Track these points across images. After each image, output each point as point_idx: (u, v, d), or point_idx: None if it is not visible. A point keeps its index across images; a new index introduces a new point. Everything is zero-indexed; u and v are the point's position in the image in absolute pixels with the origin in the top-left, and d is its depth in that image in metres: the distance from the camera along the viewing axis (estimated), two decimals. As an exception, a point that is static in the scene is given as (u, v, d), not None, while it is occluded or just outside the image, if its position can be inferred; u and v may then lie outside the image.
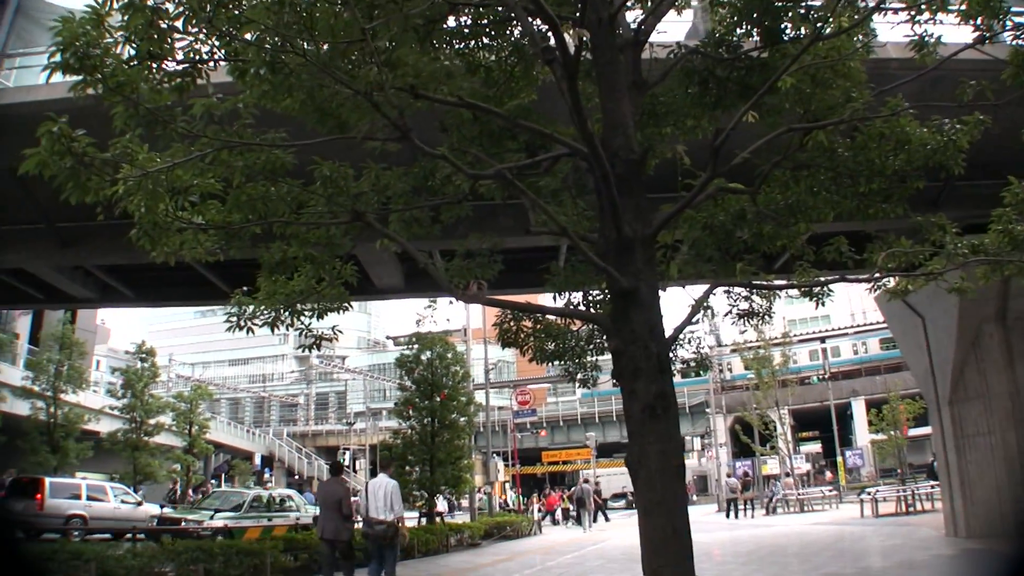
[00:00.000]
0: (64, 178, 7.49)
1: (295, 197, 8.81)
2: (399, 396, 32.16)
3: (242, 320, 9.93)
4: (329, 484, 17.29)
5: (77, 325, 45.56)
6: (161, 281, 25.55)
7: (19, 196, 20.27)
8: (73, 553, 15.47)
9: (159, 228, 8.13)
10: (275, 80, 7.31)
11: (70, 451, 39.13)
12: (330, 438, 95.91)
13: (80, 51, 7.12)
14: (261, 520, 27.16)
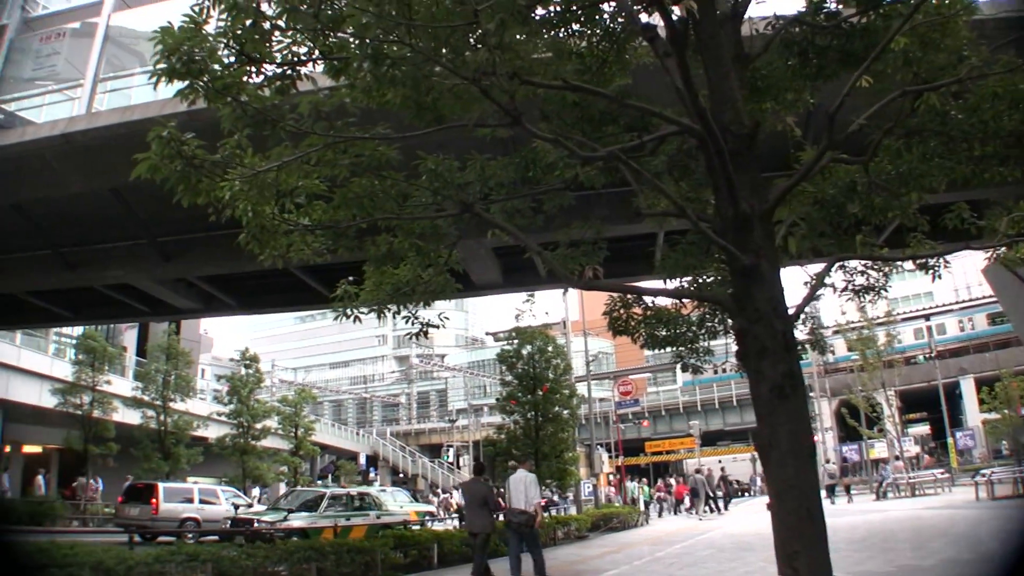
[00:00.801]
0: (175, 181, 7.51)
1: (400, 191, 8.77)
2: (501, 391, 31.94)
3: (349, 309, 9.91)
4: (473, 483, 18.55)
5: (182, 336, 46.46)
6: (261, 288, 25.88)
7: (121, 214, 20.71)
8: (190, 555, 15.69)
9: (266, 231, 8.16)
10: (377, 73, 7.24)
11: (181, 457, 39.98)
12: (433, 436, 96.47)
13: (184, 57, 7.14)
14: (338, 520, 26.10)
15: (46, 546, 14.16)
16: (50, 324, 38.26)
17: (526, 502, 16.63)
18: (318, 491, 30.41)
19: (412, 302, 10.29)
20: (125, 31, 19.40)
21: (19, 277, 25.62)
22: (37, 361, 44.47)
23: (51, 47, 20.31)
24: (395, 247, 9.58)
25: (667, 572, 17.84)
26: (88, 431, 38.86)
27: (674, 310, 12.39)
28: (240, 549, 16.90)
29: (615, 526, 32.02)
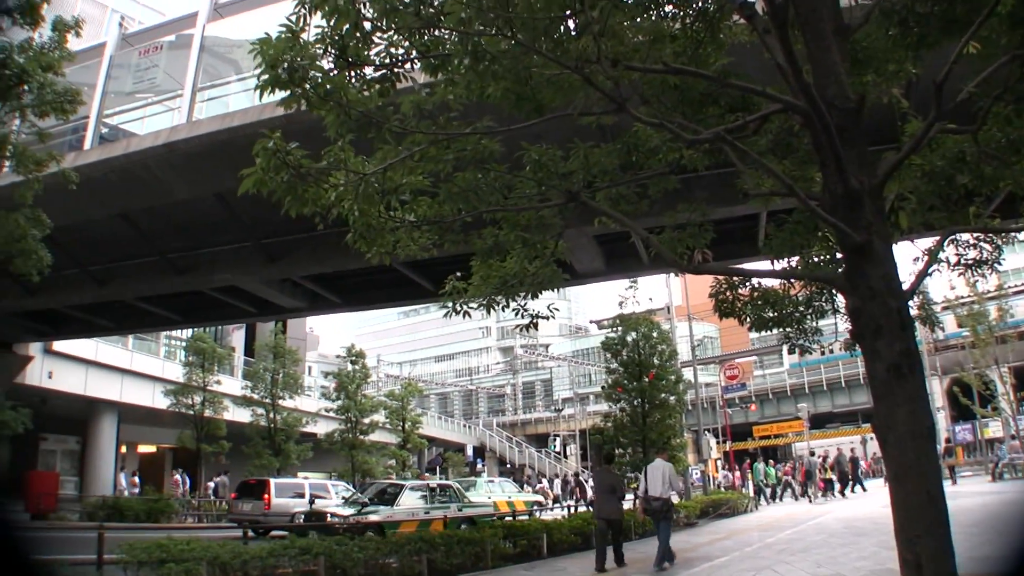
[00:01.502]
0: (282, 192, 7.60)
1: (504, 183, 8.75)
2: (606, 379, 31.75)
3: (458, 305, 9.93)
4: (603, 472, 19.61)
5: (288, 335, 47.24)
6: (365, 285, 26.13)
7: (225, 218, 21.08)
8: (302, 548, 15.89)
9: (373, 230, 8.25)
10: (478, 68, 7.23)
11: (291, 453, 40.71)
12: (539, 426, 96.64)
13: (287, 66, 7.24)
14: (417, 513, 25.43)
15: (164, 542, 14.47)
16: (160, 328, 39.31)
17: (663, 489, 17.82)
18: (395, 483, 29.72)
19: (520, 294, 10.26)
20: (219, 40, 19.73)
21: (129, 284, 26.30)
22: (149, 364, 45.88)
23: (149, 60, 20.75)
24: (501, 240, 9.60)
25: (777, 558, 17.53)
26: (200, 430, 39.81)
27: (781, 291, 12.15)
28: (352, 542, 17.05)
29: (724, 512, 31.62)
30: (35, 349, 38.36)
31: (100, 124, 20.60)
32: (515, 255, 9.79)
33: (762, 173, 9.37)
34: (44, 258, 14.35)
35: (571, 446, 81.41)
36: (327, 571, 15.62)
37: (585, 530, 22.21)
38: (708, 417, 58.86)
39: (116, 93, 21.29)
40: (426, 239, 8.98)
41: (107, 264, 26.31)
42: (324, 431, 43.84)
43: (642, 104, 9.44)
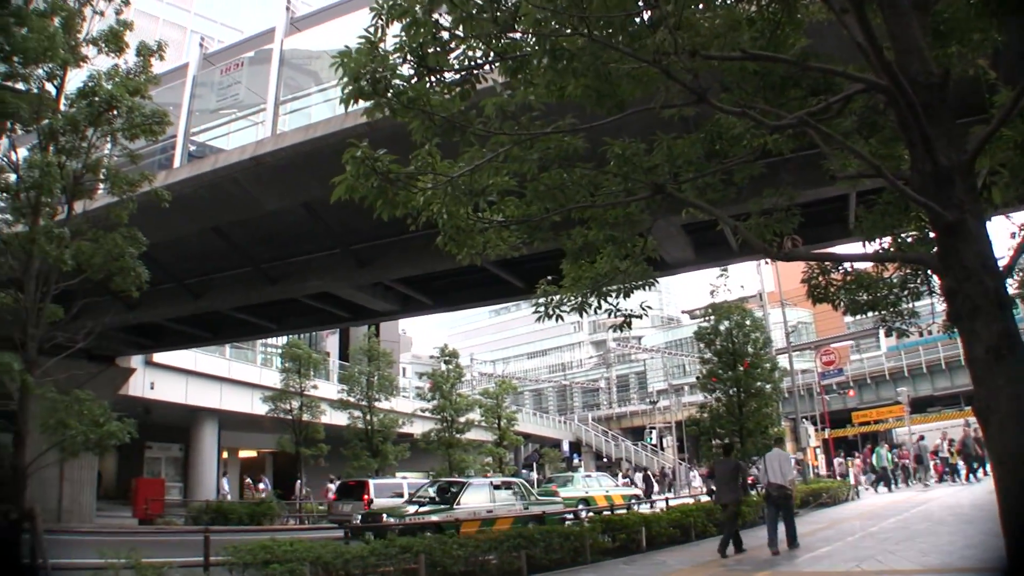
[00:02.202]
0: (373, 197, 7.73)
1: (590, 180, 8.75)
2: (700, 369, 31.49)
3: (550, 309, 9.95)
4: (724, 462, 20.46)
5: (381, 337, 47.65)
6: (455, 286, 26.26)
7: (314, 227, 21.37)
8: (402, 547, 16.06)
9: (463, 231, 8.33)
10: (557, 67, 7.25)
11: (389, 453, 41.06)
12: (634, 419, 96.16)
13: (369, 77, 7.34)
14: (479, 512, 24.53)
15: (268, 543, 14.76)
16: (256, 336, 39.93)
17: (782, 477, 18.61)
18: (457, 481, 28.86)
19: (612, 294, 10.25)
20: (298, 53, 20.00)
21: (225, 295, 26.82)
22: (246, 372, 46.81)
23: (231, 78, 21.13)
24: (590, 239, 9.58)
25: (881, 547, 17.21)
26: (299, 434, 40.42)
27: (875, 273, 11.94)
28: (452, 539, 17.20)
29: (825, 501, 31.08)
30: (137, 362, 39.38)
31: (188, 142, 21.04)
32: (605, 254, 9.78)
33: (848, 155, 9.21)
34: (142, 274, 14.69)
35: (667, 438, 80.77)
36: (427, 569, 15.78)
37: (684, 523, 22.10)
38: (805, 404, 58.01)
39: (201, 111, 21.73)
40: (515, 238, 9.04)
41: (202, 277, 26.89)
42: (420, 431, 44.16)
43: (723, 92, 9.36)
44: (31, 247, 13.53)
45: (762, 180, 10.69)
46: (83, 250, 14.13)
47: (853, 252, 10.68)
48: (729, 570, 16.68)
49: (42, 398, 13.64)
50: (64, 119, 14.19)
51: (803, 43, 9.56)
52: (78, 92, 14.68)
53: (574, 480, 40.32)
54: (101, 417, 13.34)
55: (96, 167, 15.08)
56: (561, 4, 6.83)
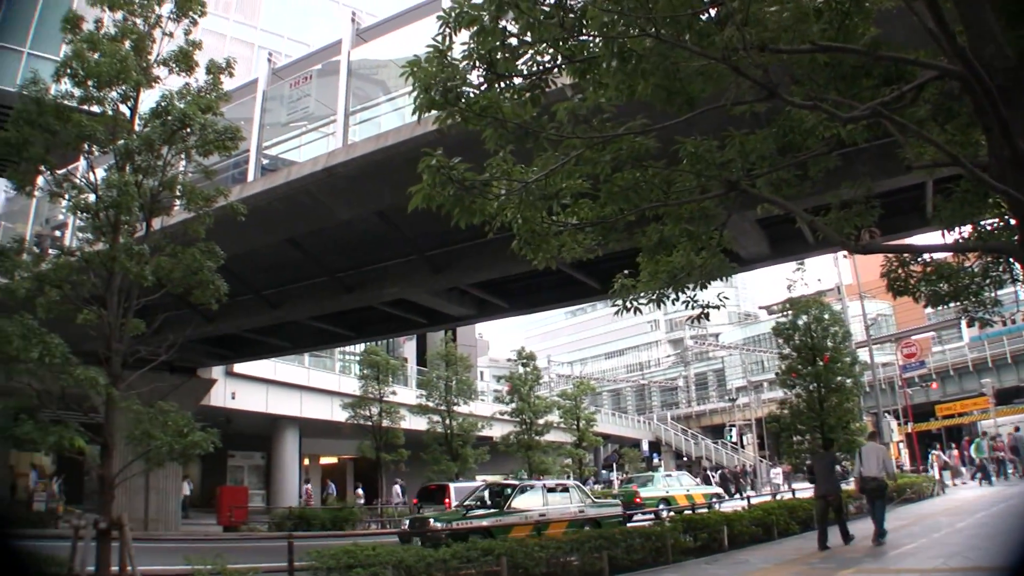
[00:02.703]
0: (450, 205, 7.86)
1: (663, 179, 8.77)
2: (779, 365, 31.18)
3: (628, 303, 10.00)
4: (824, 456, 21.64)
5: (458, 342, 47.93)
6: (531, 288, 26.31)
7: (388, 234, 21.57)
8: (484, 550, 16.20)
9: (538, 235, 8.41)
10: (625, 69, 7.30)
11: (468, 457, 41.19)
12: (714, 416, 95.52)
13: (440, 87, 7.46)
14: (530, 516, 23.88)
15: (351, 548, 15.00)
16: (334, 344, 40.37)
17: (877, 470, 19.25)
18: (509, 484, 28.34)
19: (689, 287, 10.27)
20: (365, 63, 20.20)
21: (302, 305, 27.19)
22: (325, 379, 47.41)
23: (300, 91, 21.41)
24: (665, 235, 9.61)
25: (968, 544, 16.94)
26: (379, 440, 40.79)
27: (955, 263, 11.76)
28: (533, 541, 17.31)
29: (909, 497, 30.55)
30: (217, 372, 40.10)
31: (260, 156, 21.37)
32: (681, 248, 9.78)
33: (924, 143, 9.09)
34: (220, 287, 14.94)
35: (747, 435, 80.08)
36: (509, 571, 15.89)
37: (766, 521, 21.94)
38: (887, 398, 57.02)
39: (272, 124, 22.03)
40: (590, 240, 9.08)
41: (279, 287, 27.27)
42: (499, 434, 44.30)
43: (793, 85, 9.29)
44: (112, 264, 13.85)
45: (837, 172, 10.58)
46: (163, 265, 14.43)
47: (932, 242, 10.49)
48: (812, 568, 16.59)
49: (127, 410, 13.93)
50: (139, 139, 14.49)
51: (873, 32, 9.43)
52: (151, 112, 14.98)
53: (654, 480, 40.16)
54: (185, 427, 13.60)
55: (172, 184, 15.37)
56: (627, 5, 6.86)
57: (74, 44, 14.86)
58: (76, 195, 15.09)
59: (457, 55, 7.87)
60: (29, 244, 16.29)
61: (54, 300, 13.83)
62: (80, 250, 14.90)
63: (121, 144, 14.56)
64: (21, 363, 12.91)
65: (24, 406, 13.53)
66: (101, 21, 15.43)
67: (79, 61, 14.40)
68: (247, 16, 55.15)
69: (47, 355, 12.83)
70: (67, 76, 14.53)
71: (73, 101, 14.75)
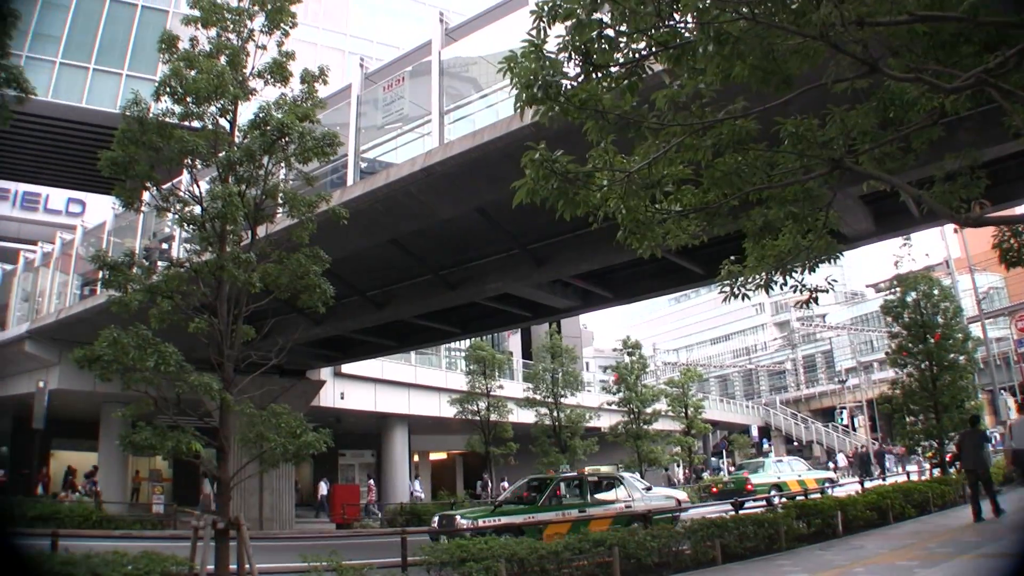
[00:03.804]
0: (554, 198, 7.93)
1: (766, 161, 8.72)
2: (889, 344, 30.58)
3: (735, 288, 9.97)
4: (972, 433, 21.01)
5: (563, 334, 48.01)
6: (634, 277, 26.22)
7: (489, 230, 21.70)
8: (596, 540, 16.30)
9: (642, 224, 8.42)
10: (723, 53, 7.30)
11: (577, 448, 41.31)
12: (823, 399, 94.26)
13: (540, 83, 7.53)
14: (569, 512, 22.76)
15: (463, 542, 15.22)
16: (440, 342, 40.74)
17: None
18: (546, 478, 27.16)
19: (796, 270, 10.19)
20: (456, 61, 20.33)
21: (406, 303, 27.49)
22: (432, 376, 47.91)
23: (394, 93, 21.63)
24: (770, 218, 9.54)
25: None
26: (487, 434, 41.08)
27: (1071, 229, 11.44)
28: (645, 532, 17.34)
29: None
30: (326, 374, 40.81)
31: (359, 159, 21.68)
32: (786, 231, 9.71)
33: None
34: (327, 290, 15.20)
35: (859, 417, 78.68)
36: (622, 561, 15.95)
37: (881, 505, 21.59)
38: (1002, 375, 55.50)
39: (368, 128, 22.27)
40: (695, 227, 9.06)
41: (383, 288, 27.63)
42: (607, 424, 44.33)
43: (892, 55, 9.14)
44: (220, 273, 14.20)
45: (941, 143, 10.36)
46: (269, 272, 14.74)
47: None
48: (930, 553, 16.27)
49: (241, 414, 14.30)
50: (240, 150, 14.81)
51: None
52: (250, 123, 15.30)
53: (765, 466, 39.77)
54: (298, 429, 13.90)
55: (274, 192, 15.69)
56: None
57: (171, 63, 15.27)
58: (182, 208, 15.54)
59: (552, 48, 7.95)
60: (139, 257, 16.78)
61: (166, 310, 14.23)
62: (189, 261, 15.31)
63: (223, 156, 14.91)
64: (137, 372, 13.34)
65: (142, 413, 14.00)
66: (196, 39, 15.87)
67: (177, 79, 14.79)
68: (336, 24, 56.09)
69: (162, 363, 13.24)
70: (166, 94, 14.95)
71: (174, 118, 15.18)
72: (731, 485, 37.98)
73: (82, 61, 52.07)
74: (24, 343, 35.48)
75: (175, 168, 16.25)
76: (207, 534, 13.18)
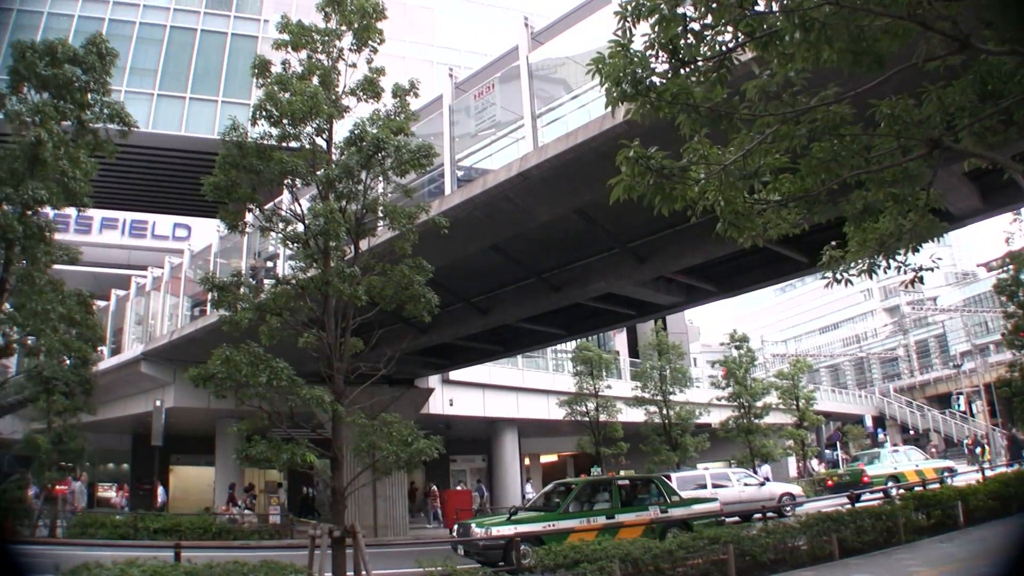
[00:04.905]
0: (651, 195, 7.98)
1: (862, 144, 8.64)
2: (1005, 325, 29.73)
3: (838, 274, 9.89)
4: None
5: (669, 330, 47.76)
6: (736, 269, 25.97)
7: (588, 230, 21.71)
8: (711, 538, 16.26)
9: (741, 216, 8.41)
10: (810, 39, 7.27)
11: (688, 445, 40.98)
12: (939, 385, 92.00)
13: (630, 80, 7.58)
14: (595, 519, 21.51)
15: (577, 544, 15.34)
16: (546, 344, 40.76)
17: None
18: (571, 481, 26.06)
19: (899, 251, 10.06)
20: (544, 63, 20.38)
21: (510, 308, 27.62)
22: (539, 379, 48.01)
23: (485, 101, 21.76)
24: (870, 201, 9.42)
25: None
26: (597, 435, 41.04)
27: None
28: (759, 528, 17.24)
29: None
30: (434, 381, 41.17)
31: (454, 168, 21.89)
32: (888, 213, 9.59)
33: None
34: (431, 299, 15.44)
35: (976, 403, 76.54)
36: (737, 558, 15.87)
37: (1004, 494, 21.06)
38: None
39: (461, 136, 22.47)
40: (795, 215, 9.01)
41: (487, 293, 27.83)
42: (718, 420, 43.94)
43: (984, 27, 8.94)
44: (327, 288, 14.53)
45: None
46: (374, 284, 15.04)
47: None
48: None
49: (353, 424, 14.65)
50: (338, 167, 15.13)
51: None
52: (346, 140, 15.65)
53: (880, 456, 38.94)
54: (409, 436, 14.16)
55: (374, 206, 16.02)
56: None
57: (266, 87, 15.74)
58: (285, 227, 15.95)
59: (638, 46, 8.00)
60: (245, 277, 17.28)
61: (275, 327, 14.66)
62: (295, 278, 15.70)
63: (322, 174, 15.28)
64: (250, 388, 13.76)
65: (256, 427, 14.41)
66: (288, 62, 16.28)
67: (272, 102, 15.24)
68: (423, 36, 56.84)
69: (274, 379, 13.63)
70: (263, 117, 15.41)
71: (271, 140, 15.62)
72: (846, 477, 37.28)
73: (178, 91, 54.07)
74: (140, 364, 36.60)
75: (276, 188, 16.69)
76: (324, 543, 13.51)
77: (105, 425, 42.29)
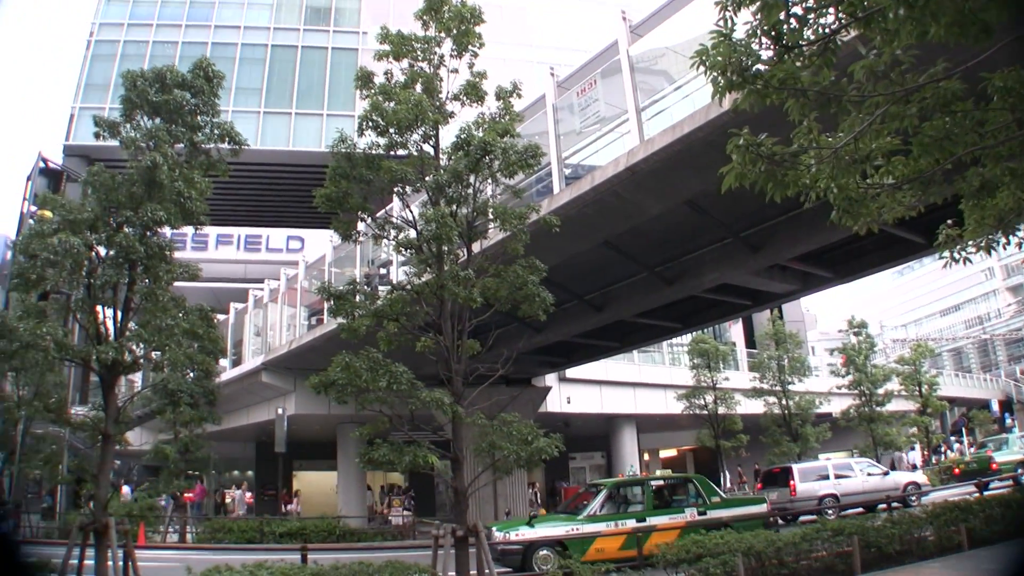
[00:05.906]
0: (763, 182, 7.95)
1: (975, 119, 8.46)
2: None
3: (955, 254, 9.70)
4: None
5: (785, 319, 47.20)
6: (851, 254, 25.51)
7: (699, 221, 21.60)
8: (835, 530, 16.05)
9: (854, 202, 8.32)
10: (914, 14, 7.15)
11: (808, 436, 40.52)
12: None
13: (736, 67, 7.59)
14: (624, 522, 20.65)
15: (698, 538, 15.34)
16: (661, 338, 40.53)
17: None
18: (603, 483, 25.06)
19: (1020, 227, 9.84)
20: (645, 55, 20.27)
21: (624, 304, 27.60)
22: (656, 373, 47.84)
23: (588, 97, 21.78)
24: (987, 177, 9.22)
25: None
26: (716, 427, 40.74)
27: None
28: (884, 519, 16.97)
29: None
30: (551, 379, 41.34)
31: (562, 166, 21.96)
32: (1006, 188, 9.37)
33: None
34: (546, 298, 15.51)
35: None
36: (862, 550, 15.64)
37: None
38: None
39: (566, 134, 22.52)
40: (910, 197, 8.87)
41: (600, 290, 27.90)
42: (838, 409, 43.26)
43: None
44: (442, 292, 14.73)
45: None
46: (488, 286, 15.19)
47: None
48: None
49: (473, 425, 14.84)
50: (447, 172, 15.31)
51: None
52: (453, 145, 15.81)
53: (1009, 442, 37.78)
54: (529, 435, 14.28)
55: (484, 209, 16.19)
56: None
57: (370, 98, 16.03)
58: (398, 234, 16.21)
59: (739, 35, 7.97)
60: (360, 285, 17.62)
61: (393, 332, 14.92)
62: (410, 283, 15.94)
63: (431, 180, 15.47)
64: (371, 393, 14.05)
65: (377, 431, 14.70)
66: (390, 72, 16.55)
67: (378, 112, 15.53)
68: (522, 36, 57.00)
69: (394, 383, 13.88)
70: (369, 128, 15.72)
71: (379, 149, 15.92)
72: (973, 465, 36.23)
73: (284, 107, 55.46)
74: (260, 374, 37.61)
75: (386, 197, 16.96)
76: (447, 542, 13.71)
77: (230, 434, 43.68)
